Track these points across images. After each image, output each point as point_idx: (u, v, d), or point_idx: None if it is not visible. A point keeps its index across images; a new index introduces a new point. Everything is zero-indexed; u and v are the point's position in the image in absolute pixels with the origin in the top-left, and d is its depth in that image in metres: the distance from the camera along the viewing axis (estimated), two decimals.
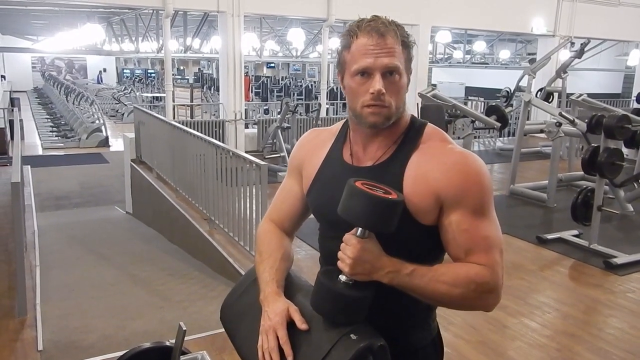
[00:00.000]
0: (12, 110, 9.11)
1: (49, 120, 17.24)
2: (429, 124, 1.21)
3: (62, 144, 13.39)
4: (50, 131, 15.15)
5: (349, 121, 1.25)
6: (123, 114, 17.41)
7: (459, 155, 1.13)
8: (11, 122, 9.09)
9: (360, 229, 1.07)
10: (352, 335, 1.05)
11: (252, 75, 23.22)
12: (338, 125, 1.31)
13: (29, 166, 7.15)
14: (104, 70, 30.75)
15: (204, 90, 18.33)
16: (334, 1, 8.45)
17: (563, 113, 5.70)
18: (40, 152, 12.60)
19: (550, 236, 4.76)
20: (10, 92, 19.96)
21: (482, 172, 1.12)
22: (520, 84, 8.43)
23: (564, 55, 9.05)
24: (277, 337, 1.11)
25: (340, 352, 1.04)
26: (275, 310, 1.14)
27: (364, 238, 1.07)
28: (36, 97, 24.10)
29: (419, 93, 6.18)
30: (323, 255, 1.29)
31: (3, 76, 21.70)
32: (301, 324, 1.11)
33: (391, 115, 1.13)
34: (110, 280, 5.05)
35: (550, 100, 8.18)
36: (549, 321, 3.37)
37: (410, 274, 1.07)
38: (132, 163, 7.54)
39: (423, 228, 1.13)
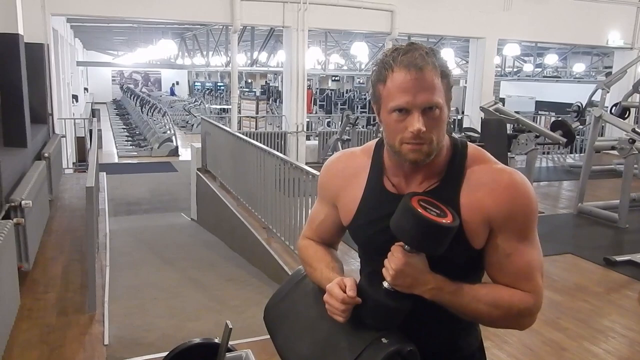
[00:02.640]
0: (92, 120, 9.77)
1: (125, 130, 18.29)
2: (469, 143, 1.19)
3: (135, 153, 14.17)
4: (126, 140, 16.06)
5: (384, 150, 1.19)
6: (193, 125, 18.18)
7: (507, 177, 1.11)
8: (91, 132, 9.74)
9: None
10: (383, 339, 1.08)
11: (317, 88, 23.56)
12: (369, 150, 1.24)
13: (105, 173, 7.61)
14: (177, 83, 32.22)
15: (270, 103, 18.82)
16: (397, 15, 8.47)
17: (637, 129, 5.39)
18: (116, 160, 13.38)
19: (619, 258, 4.49)
20: (92, 103, 21.34)
21: (530, 195, 1.11)
22: (593, 98, 8.05)
23: None
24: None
25: (370, 354, 1.07)
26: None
27: (410, 252, 1.06)
28: (114, 109, 25.60)
29: (480, 107, 6.05)
30: (364, 256, 1.29)
31: (86, 88, 23.24)
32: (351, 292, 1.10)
33: (432, 152, 1.08)
34: (172, 283, 5.29)
35: (626, 116, 7.74)
36: (614, 347, 3.18)
37: (453, 292, 1.08)
38: (198, 172, 7.87)
39: (475, 252, 1.12)
